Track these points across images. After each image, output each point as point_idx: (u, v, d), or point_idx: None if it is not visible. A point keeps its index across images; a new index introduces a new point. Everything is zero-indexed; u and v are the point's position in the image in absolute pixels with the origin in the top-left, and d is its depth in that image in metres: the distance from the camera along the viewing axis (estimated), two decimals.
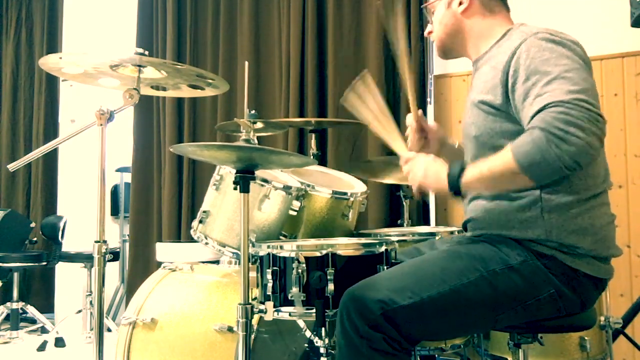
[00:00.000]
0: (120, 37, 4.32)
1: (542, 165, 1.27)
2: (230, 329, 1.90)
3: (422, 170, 1.47)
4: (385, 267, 1.63)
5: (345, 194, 2.17)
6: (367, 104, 1.69)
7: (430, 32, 1.69)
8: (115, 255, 3.55)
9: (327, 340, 1.59)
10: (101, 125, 1.78)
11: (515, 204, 1.44)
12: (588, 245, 1.40)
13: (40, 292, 4.37)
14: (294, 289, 1.58)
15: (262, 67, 3.61)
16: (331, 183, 2.32)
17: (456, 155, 1.74)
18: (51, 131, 4.45)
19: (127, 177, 4.25)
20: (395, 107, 3.22)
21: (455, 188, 1.40)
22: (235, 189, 1.59)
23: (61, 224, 3.87)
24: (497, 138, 1.44)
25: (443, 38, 1.64)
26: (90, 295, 3.60)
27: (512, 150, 1.31)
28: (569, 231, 1.40)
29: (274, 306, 1.62)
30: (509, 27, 1.56)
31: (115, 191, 4.65)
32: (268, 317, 1.62)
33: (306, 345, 1.92)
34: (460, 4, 1.59)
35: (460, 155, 1.73)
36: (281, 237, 2.10)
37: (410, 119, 1.75)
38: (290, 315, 1.61)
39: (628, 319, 2.37)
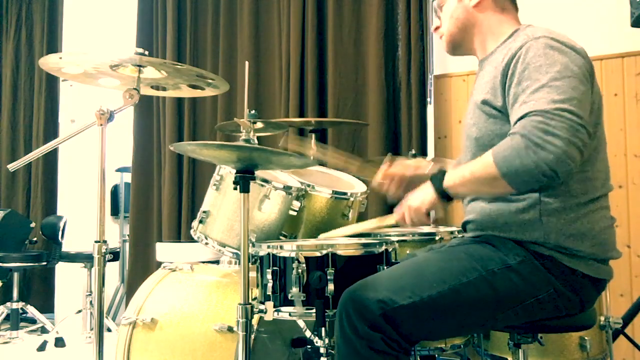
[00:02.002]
0: (120, 37, 4.32)
1: (520, 171, 1.28)
2: (230, 329, 1.90)
3: (410, 200, 1.49)
4: (385, 267, 1.63)
5: (345, 194, 2.17)
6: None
7: (437, 28, 1.68)
8: (115, 255, 3.56)
9: (327, 340, 1.59)
10: (101, 125, 1.78)
11: (514, 206, 1.44)
12: (586, 248, 1.41)
13: (40, 292, 4.36)
14: (294, 289, 1.58)
15: (262, 67, 3.61)
16: (331, 183, 2.32)
17: None
18: (51, 131, 4.45)
19: (127, 177, 4.25)
20: (396, 107, 3.22)
21: (441, 191, 1.42)
22: (235, 189, 1.59)
23: (61, 224, 3.87)
24: (497, 140, 1.43)
25: (454, 32, 1.63)
26: (90, 295, 3.60)
27: (493, 155, 1.33)
28: (567, 235, 1.40)
29: (274, 306, 1.62)
30: (517, 27, 1.56)
31: (115, 191, 4.65)
32: (268, 317, 1.61)
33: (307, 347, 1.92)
34: None
35: None
36: (281, 237, 2.10)
37: (375, 184, 1.78)
38: (290, 315, 1.60)
39: (628, 319, 2.37)
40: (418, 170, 1.78)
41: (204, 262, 2.34)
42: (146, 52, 1.77)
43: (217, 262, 2.36)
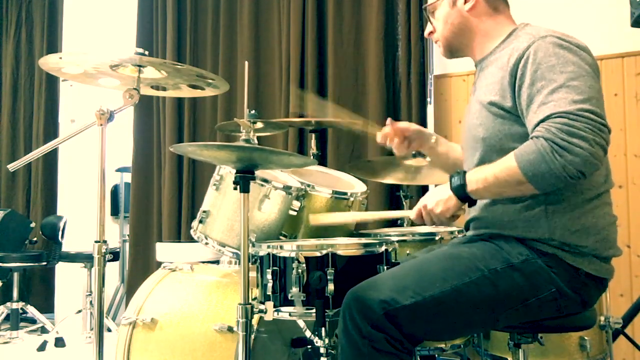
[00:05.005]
0: (120, 37, 4.32)
1: (547, 175, 1.28)
2: (230, 329, 1.90)
3: (431, 203, 1.47)
4: (385, 267, 1.63)
5: (345, 194, 2.17)
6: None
7: (430, 33, 1.68)
8: (115, 255, 3.55)
9: (327, 340, 1.59)
10: (101, 125, 1.78)
11: (519, 203, 1.44)
12: (590, 244, 1.41)
13: (40, 292, 4.36)
14: (294, 289, 1.58)
15: (262, 67, 3.61)
16: (331, 183, 2.32)
17: (433, 151, 1.82)
18: (51, 131, 4.45)
19: (127, 177, 4.25)
20: (396, 107, 3.22)
21: (465, 197, 1.41)
22: (235, 189, 1.59)
23: (61, 224, 3.87)
24: (506, 140, 1.44)
25: (449, 37, 1.63)
26: (90, 295, 3.60)
27: (516, 159, 1.32)
28: (572, 231, 1.40)
29: (274, 306, 1.62)
30: (514, 26, 1.56)
31: (115, 191, 4.65)
32: (268, 317, 1.62)
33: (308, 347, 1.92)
34: (466, 2, 1.58)
35: (436, 152, 1.81)
36: (281, 237, 2.10)
37: (379, 139, 1.79)
38: (290, 315, 1.61)
39: (628, 319, 2.37)
40: (421, 133, 1.80)
41: (204, 262, 2.34)
42: (146, 52, 1.77)
43: (217, 262, 2.36)
